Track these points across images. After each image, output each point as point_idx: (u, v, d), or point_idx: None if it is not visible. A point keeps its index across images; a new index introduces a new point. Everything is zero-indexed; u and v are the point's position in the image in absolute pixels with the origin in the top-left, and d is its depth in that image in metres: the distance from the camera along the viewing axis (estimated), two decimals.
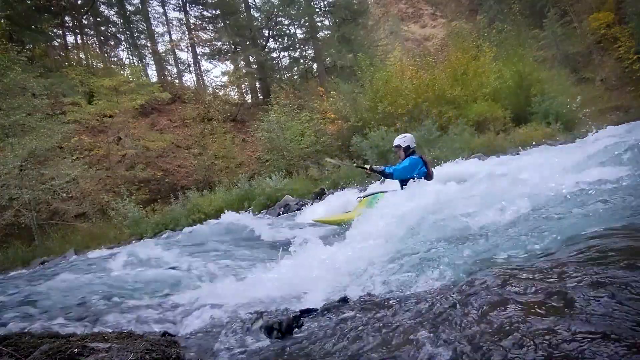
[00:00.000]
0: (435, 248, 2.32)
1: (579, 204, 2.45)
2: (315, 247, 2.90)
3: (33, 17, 15.76)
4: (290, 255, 2.86)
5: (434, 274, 1.93)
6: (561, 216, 2.31)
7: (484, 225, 2.53)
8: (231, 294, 2.42)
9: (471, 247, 2.17)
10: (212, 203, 9.80)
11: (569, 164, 4.20)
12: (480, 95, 13.96)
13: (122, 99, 12.82)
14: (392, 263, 2.30)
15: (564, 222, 2.20)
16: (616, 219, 2.01)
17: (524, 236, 2.13)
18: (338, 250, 2.91)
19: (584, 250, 1.64)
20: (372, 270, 2.29)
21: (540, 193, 2.80)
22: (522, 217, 2.50)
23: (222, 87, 20.65)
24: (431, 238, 2.51)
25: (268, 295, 2.27)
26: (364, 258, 2.53)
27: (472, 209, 2.80)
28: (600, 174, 3.12)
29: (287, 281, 2.44)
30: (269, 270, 2.88)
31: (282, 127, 12.86)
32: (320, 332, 1.50)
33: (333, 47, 19.88)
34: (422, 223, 2.85)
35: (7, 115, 9.56)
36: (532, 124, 13.17)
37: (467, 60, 14.65)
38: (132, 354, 1.23)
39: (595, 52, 24.67)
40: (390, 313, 1.49)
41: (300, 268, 2.61)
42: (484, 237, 2.29)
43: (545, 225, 2.19)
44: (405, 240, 2.67)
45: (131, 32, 21.44)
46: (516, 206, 2.62)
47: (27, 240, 9.65)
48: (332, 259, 2.66)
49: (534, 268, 1.57)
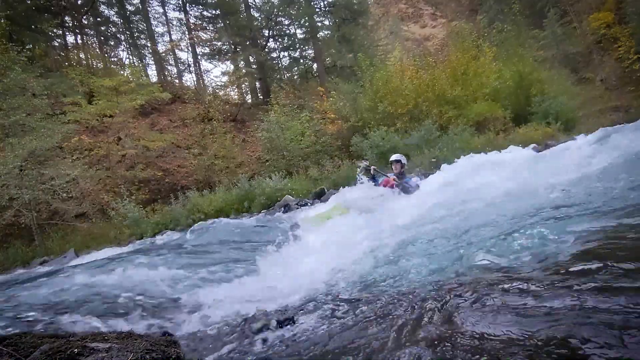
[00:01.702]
0: (429, 247, 2.32)
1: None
2: (311, 247, 2.90)
3: (33, 17, 15.75)
4: (288, 255, 2.86)
5: (427, 273, 1.93)
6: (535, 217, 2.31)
7: (475, 225, 2.53)
8: (230, 294, 2.42)
9: (461, 247, 2.17)
10: (212, 203, 9.80)
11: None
12: (480, 95, 13.95)
13: (122, 99, 12.81)
14: (386, 262, 2.30)
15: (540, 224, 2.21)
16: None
17: (514, 235, 2.13)
18: (332, 249, 2.91)
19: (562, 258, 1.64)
20: (365, 269, 2.29)
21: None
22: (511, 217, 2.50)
23: (222, 87, 20.65)
24: (426, 237, 2.51)
25: (267, 295, 2.28)
26: (357, 257, 2.53)
27: (460, 209, 2.81)
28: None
29: (286, 281, 2.44)
30: (268, 270, 2.88)
31: (282, 127, 12.86)
32: (315, 331, 1.51)
33: (333, 47, 19.88)
34: (418, 223, 2.85)
35: (7, 115, 9.55)
36: (532, 124, 13.16)
37: (467, 60, 14.63)
38: (132, 354, 1.23)
39: (595, 52, 24.66)
40: (383, 311, 1.50)
41: (296, 268, 2.62)
42: (476, 237, 2.29)
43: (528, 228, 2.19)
44: (400, 239, 2.67)
45: (131, 32, 21.44)
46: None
47: (27, 240, 9.65)
48: (327, 259, 2.66)
49: (521, 270, 1.57)
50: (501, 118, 13.42)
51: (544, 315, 1.11)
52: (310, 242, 2.95)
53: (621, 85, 22.65)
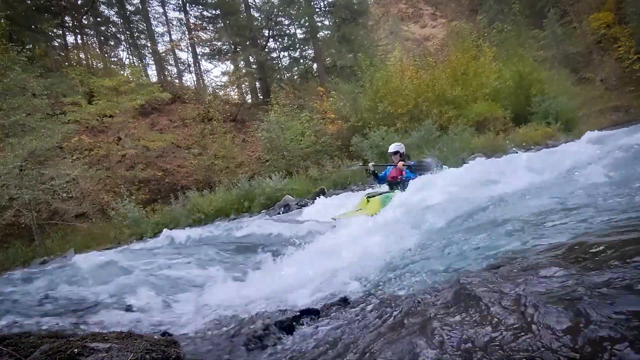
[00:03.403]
0: (442, 246, 2.32)
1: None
2: (314, 247, 2.90)
3: (33, 17, 15.75)
4: (290, 255, 2.86)
5: (439, 273, 1.93)
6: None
7: (485, 222, 2.53)
8: (231, 293, 2.42)
9: (472, 245, 2.17)
10: (212, 203, 9.80)
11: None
12: (480, 95, 13.96)
13: (122, 99, 12.81)
14: (394, 263, 2.30)
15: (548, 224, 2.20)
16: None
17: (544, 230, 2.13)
18: (338, 249, 2.91)
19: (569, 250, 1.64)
20: (372, 270, 2.29)
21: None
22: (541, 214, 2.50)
23: (222, 87, 20.67)
24: (437, 237, 2.51)
25: (268, 295, 2.27)
26: (365, 258, 2.52)
27: (470, 207, 2.80)
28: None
29: (287, 281, 2.44)
30: (269, 270, 2.88)
31: (282, 127, 12.86)
32: (320, 333, 1.50)
33: (333, 47, 19.90)
34: (429, 222, 2.85)
35: (7, 115, 9.55)
36: (532, 124, 13.17)
37: (467, 60, 14.64)
38: (132, 354, 1.23)
39: (595, 52, 24.68)
40: (391, 313, 1.49)
41: (300, 268, 2.61)
42: (486, 234, 2.29)
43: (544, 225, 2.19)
44: (409, 239, 2.67)
45: (131, 32, 21.45)
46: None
47: (27, 240, 9.65)
48: (332, 259, 2.66)
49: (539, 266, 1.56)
50: (501, 118, 13.43)
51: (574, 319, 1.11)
52: (315, 242, 2.95)
53: (621, 85, 22.67)
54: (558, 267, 1.51)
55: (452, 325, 1.24)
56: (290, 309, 1.87)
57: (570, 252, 1.70)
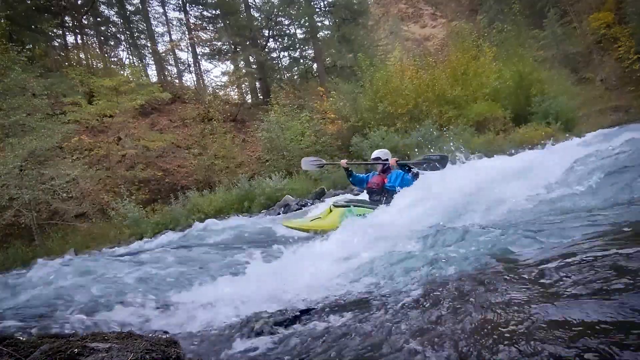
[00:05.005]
0: (431, 251, 2.32)
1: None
2: (312, 248, 2.90)
3: (33, 17, 15.74)
4: (289, 255, 2.86)
5: (431, 274, 1.93)
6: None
7: (476, 225, 2.53)
8: (230, 294, 2.42)
9: (464, 247, 2.17)
10: (212, 203, 9.80)
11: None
12: (480, 95, 13.96)
13: (122, 99, 12.80)
14: (389, 265, 2.30)
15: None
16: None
17: (525, 234, 2.13)
18: (334, 251, 2.91)
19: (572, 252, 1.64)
20: (368, 271, 2.29)
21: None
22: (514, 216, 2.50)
23: (222, 87, 20.64)
24: (425, 242, 2.51)
25: (267, 296, 2.27)
26: (360, 259, 2.53)
27: (464, 210, 2.80)
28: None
29: (286, 282, 2.44)
30: (268, 270, 2.88)
31: (282, 127, 12.86)
32: (318, 332, 1.50)
33: (333, 47, 19.88)
34: (418, 227, 2.85)
35: (7, 115, 9.54)
36: (532, 124, 13.17)
37: (467, 60, 14.64)
38: (132, 354, 1.23)
39: (595, 52, 24.67)
40: (387, 314, 1.49)
41: (298, 268, 2.62)
42: (476, 237, 2.30)
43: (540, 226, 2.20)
44: (400, 243, 2.67)
45: (131, 32, 21.43)
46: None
47: (27, 240, 9.65)
48: (330, 260, 2.66)
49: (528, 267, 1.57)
50: (501, 118, 13.43)
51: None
52: (316, 242, 2.94)
53: (621, 85, 22.66)
54: (551, 268, 1.52)
55: (449, 325, 1.24)
56: (289, 309, 1.87)
57: (564, 253, 1.70)
